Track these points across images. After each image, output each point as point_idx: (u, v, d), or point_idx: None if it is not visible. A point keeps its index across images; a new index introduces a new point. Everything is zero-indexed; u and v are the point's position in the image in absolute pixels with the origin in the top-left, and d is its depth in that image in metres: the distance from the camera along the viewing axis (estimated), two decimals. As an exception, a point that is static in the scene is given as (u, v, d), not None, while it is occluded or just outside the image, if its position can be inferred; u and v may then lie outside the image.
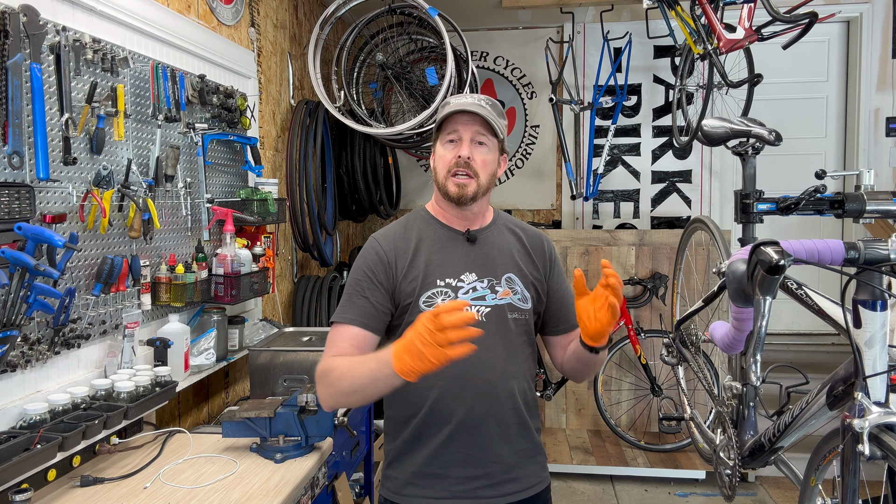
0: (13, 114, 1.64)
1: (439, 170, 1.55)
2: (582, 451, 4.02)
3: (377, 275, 1.51)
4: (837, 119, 4.85)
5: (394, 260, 1.53)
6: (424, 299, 1.50)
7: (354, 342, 1.47)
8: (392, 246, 1.55)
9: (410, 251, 1.54)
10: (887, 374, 1.27)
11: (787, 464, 1.80)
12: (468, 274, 1.54)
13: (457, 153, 1.52)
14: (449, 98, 1.59)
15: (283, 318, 3.59)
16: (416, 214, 1.63)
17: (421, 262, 1.53)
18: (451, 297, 1.50)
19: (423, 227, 1.59)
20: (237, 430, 1.90)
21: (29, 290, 1.65)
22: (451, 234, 1.58)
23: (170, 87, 2.32)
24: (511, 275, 1.57)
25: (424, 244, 1.56)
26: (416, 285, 1.51)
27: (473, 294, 1.52)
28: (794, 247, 1.38)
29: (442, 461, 1.51)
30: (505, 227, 1.65)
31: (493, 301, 1.54)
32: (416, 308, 1.49)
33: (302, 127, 3.58)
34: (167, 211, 2.37)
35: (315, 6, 4.25)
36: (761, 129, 1.88)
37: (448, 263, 1.54)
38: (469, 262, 1.55)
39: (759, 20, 3.25)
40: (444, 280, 1.52)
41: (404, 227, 1.60)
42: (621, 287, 1.37)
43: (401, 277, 1.51)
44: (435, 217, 1.61)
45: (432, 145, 1.60)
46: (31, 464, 1.50)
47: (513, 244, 1.63)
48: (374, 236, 1.58)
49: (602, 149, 4.77)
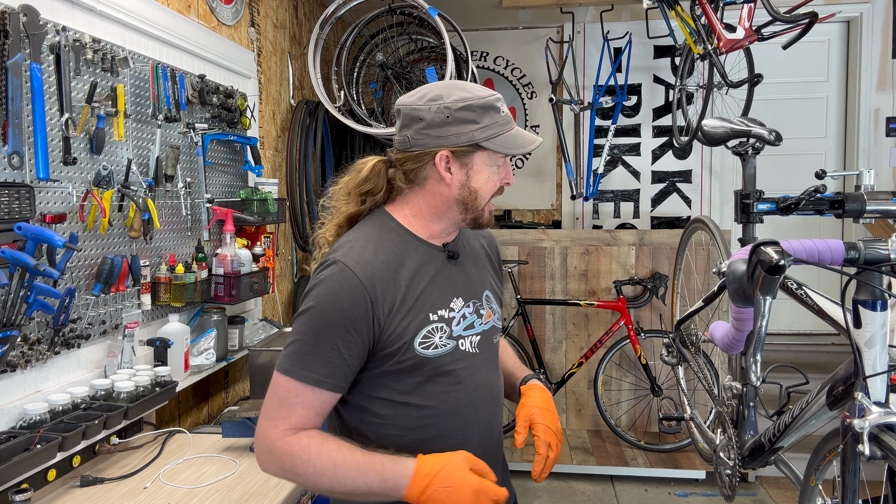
0: (13, 114, 1.64)
1: (482, 193, 1.28)
2: (582, 451, 4.02)
3: (355, 322, 1.18)
4: (837, 119, 4.85)
5: (379, 299, 1.20)
6: (421, 340, 1.23)
7: (322, 410, 1.20)
8: (376, 280, 1.21)
9: (399, 282, 1.24)
10: (887, 374, 1.27)
11: (787, 464, 1.80)
12: (456, 300, 1.30)
13: (506, 180, 1.32)
14: (501, 111, 1.28)
15: (283, 318, 3.59)
16: (385, 227, 1.30)
17: (411, 295, 1.24)
18: (445, 332, 1.27)
19: (402, 246, 1.28)
20: (237, 430, 1.90)
21: (29, 290, 1.65)
22: (431, 252, 1.31)
23: (170, 87, 2.32)
24: (488, 292, 1.39)
25: (409, 270, 1.26)
26: (409, 323, 1.23)
27: (464, 323, 1.31)
28: (794, 247, 1.38)
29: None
30: (468, 234, 1.44)
31: (481, 327, 1.34)
32: (411, 351, 1.23)
33: (302, 127, 3.59)
34: (167, 211, 2.37)
35: (315, 6, 4.25)
36: (761, 129, 1.88)
37: (436, 291, 1.28)
38: (454, 284, 1.32)
39: (759, 20, 3.25)
40: (437, 313, 1.26)
41: (377, 247, 1.25)
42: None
43: (387, 320, 1.21)
44: (408, 230, 1.31)
45: (458, 155, 1.26)
46: (31, 464, 1.50)
47: (480, 252, 1.45)
48: (347, 265, 1.20)
49: (602, 149, 4.77)
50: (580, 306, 4.21)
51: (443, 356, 1.26)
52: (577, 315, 4.35)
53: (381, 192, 1.34)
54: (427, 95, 1.26)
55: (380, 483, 1.14)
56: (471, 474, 1.15)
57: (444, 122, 1.24)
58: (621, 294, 4.11)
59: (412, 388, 1.25)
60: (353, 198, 1.35)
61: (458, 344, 1.29)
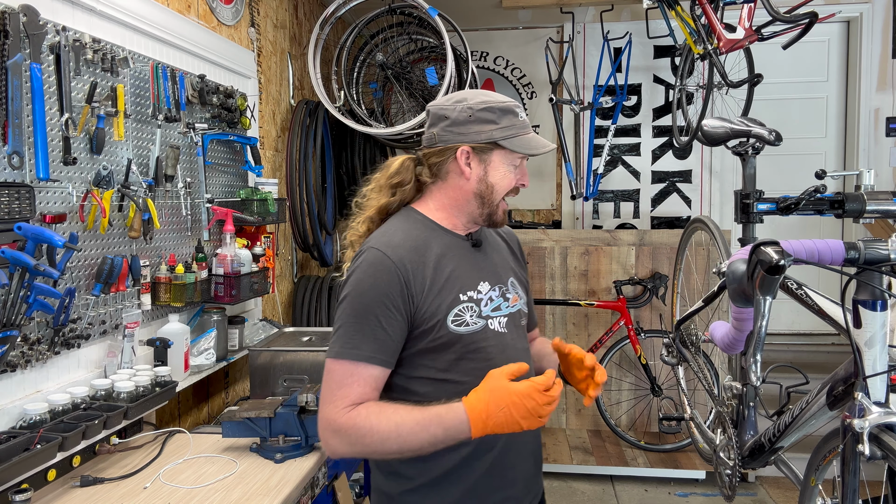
0: (13, 114, 1.64)
1: (498, 189, 1.40)
2: (582, 451, 4.02)
3: (393, 299, 1.30)
4: (837, 119, 4.85)
5: (410, 277, 1.32)
6: (453, 317, 1.34)
7: (376, 385, 1.30)
8: (406, 260, 1.33)
9: (427, 264, 1.35)
10: (887, 374, 1.27)
11: (787, 464, 1.80)
12: (483, 283, 1.42)
13: (521, 180, 1.43)
14: (518, 115, 1.39)
15: (283, 318, 3.59)
16: (412, 219, 1.43)
17: (441, 276, 1.36)
18: (475, 311, 1.38)
19: (428, 233, 1.41)
20: (237, 430, 1.90)
21: (29, 290, 1.65)
22: (458, 241, 1.44)
23: (170, 87, 2.32)
24: (512, 278, 1.51)
25: (437, 255, 1.38)
26: (442, 302, 1.34)
27: (492, 304, 1.42)
28: (794, 247, 1.38)
29: (478, 491, 1.39)
30: (486, 228, 1.55)
31: (508, 309, 1.45)
32: (445, 328, 1.34)
33: (302, 127, 3.59)
34: (167, 211, 2.37)
35: (315, 6, 4.25)
36: (761, 129, 1.88)
37: (464, 274, 1.40)
38: (480, 270, 1.44)
39: (759, 20, 3.25)
40: (466, 294, 1.38)
41: (409, 235, 1.38)
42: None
43: (422, 297, 1.33)
44: (434, 221, 1.44)
45: (478, 151, 1.38)
46: (31, 464, 1.50)
47: (501, 244, 1.56)
48: (380, 248, 1.34)
49: (602, 149, 4.77)
50: (580, 306, 4.21)
51: (474, 333, 1.37)
52: (577, 315, 4.35)
53: (410, 186, 1.46)
54: (454, 98, 1.41)
55: (444, 432, 1.23)
56: (513, 384, 1.23)
57: (466, 120, 1.37)
58: (621, 294, 4.12)
59: (448, 366, 1.36)
60: (385, 190, 1.48)
61: (487, 323, 1.39)
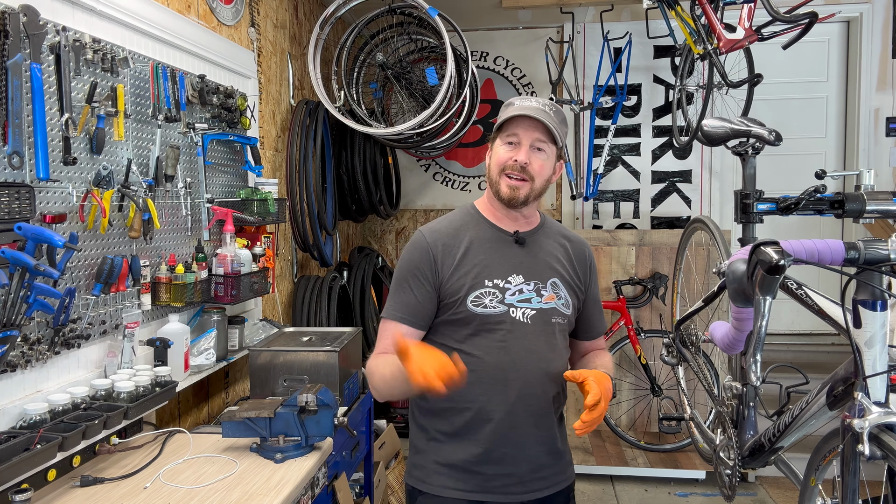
0: (13, 114, 1.64)
1: (493, 167, 1.58)
2: (582, 450, 4.02)
3: (423, 270, 1.54)
4: (837, 119, 4.85)
5: (440, 256, 1.55)
6: (473, 298, 1.52)
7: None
8: (440, 242, 1.57)
9: (459, 248, 1.56)
10: (887, 374, 1.27)
11: (787, 464, 1.81)
12: (515, 276, 1.56)
13: (513, 156, 1.54)
14: (513, 98, 1.59)
15: (283, 318, 3.59)
16: (465, 211, 1.65)
17: (469, 261, 1.55)
18: (498, 297, 1.53)
19: (473, 225, 1.61)
20: (237, 430, 1.90)
21: (29, 290, 1.65)
22: (500, 234, 1.61)
23: (170, 87, 2.32)
24: (556, 280, 1.60)
25: (474, 243, 1.57)
26: (465, 283, 1.53)
27: (520, 296, 1.55)
28: (794, 247, 1.38)
29: (479, 459, 1.54)
30: (552, 232, 1.68)
31: (539, 304, 1.56)
32: (464, 306, 1.52)
33: (302, 127, 3.58)
34: (167, 211, 2.37)
35: (315, 6, 4.25)
36: (761, 129, 1.88)
37: (496, 264, 1.56)
38: (517, 264, 1.58)
39: (759, 20, 3.25)
40: (493, 281, 1.54)
41: (452, 222, 1.62)
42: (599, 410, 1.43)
43: (447, 274, 1.54)
44: (484, 216, 1.63)
45: (490, 142, 1.62)
46: (31, 464, 1.50)
47: (558, 250, 1.65)
48: (422, 231, 1.61)
49: (602, 149, 4.76)
50: (580, 306, 4.20)
51: (491, 315, 1.53)
52: (577, 315, 4.34)
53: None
54: None
55: (399, 368, 1.38)
56: (437, 351, 1.38)
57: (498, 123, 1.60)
58: (621, 294, 4.11)
59: (464, 338, 1.54)
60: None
61: (509, 310, 1.54)
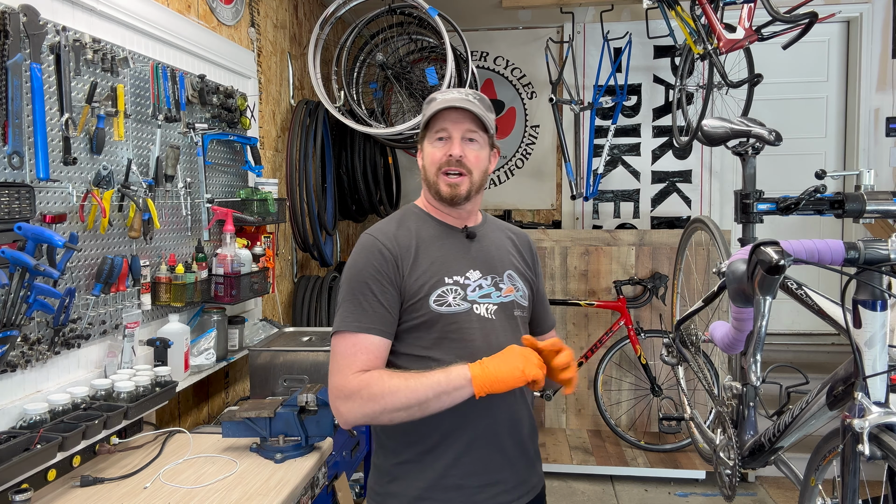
0: (13, 114, 1.64)
1: (429, 168, 1.51)
2: (582, 451, 4.02)
3: (385, 272, 1.43)
4: (837, 119, 4.85)
5: (399, 257, 1.45)
6: (435, 298, 1.44)
7: (377, 353, 1.39)
8: (393, 243, 1.47)
9: (412, 248, 1.47)
10: (887, 374, 1.27)
11: (787, 464, 1.80)
12: (473, 271, 1.50)
13: (447, 151, 1.48)
14: (435, 94, 1.53)
15: (283, 318, 3.59)
16: (409, 211, 1.58)
17: (426, 259, 1.47)
18: (460, 294, 1.46)
19: (420, 224, 1.53)
20: (237, 430, 1.90)
21: (29, 290, 1.65)
22: (449, 230, 1.54)
23: (170, 87, 2.32)
24: (511, 272, 1.56)
25: (425, 241, 1.50)
26: (424, 282, 1.44)
27: (480, 291, 1.49)
28: (794, 247, 1.38)
29: (461, 471, 1.43)
30: (495, 226, 1.65)
31: (499, 299, 1.51)
32: (427, 307, 1.43)
33: (302, 127, 3.58)
34: (167, 211, 2.37)
35: (315, 6, 4.25)
36: (761, 129, 1.88)
37: (452, 261, 1.49)
38: (471, 259, 1.52)
39: (759, 20, 3.25)
40: (452, 278, 1.47)
41: (399, 223, 1.53)
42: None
43: (406, 275, 1.44)
44: (429, 214, 1.56)
45: (419, 143, 1.55)
46: (31, 464, 1.50)
47: (506, 242, 1.62)
48: (372, 233, 1.49)
49: (602, 149, 4.76)
50: (580, 306, 4.21)
51: (456, 314, 1.45)
52: (577, 315, 4.35)
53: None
54: None
55: (446, 377, 1.31)
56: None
57: (423, 121, 1.53)
58: (621, 294, 4.11)
59: (431, 344, 1.44)
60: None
61: (472, 307, 1.47)
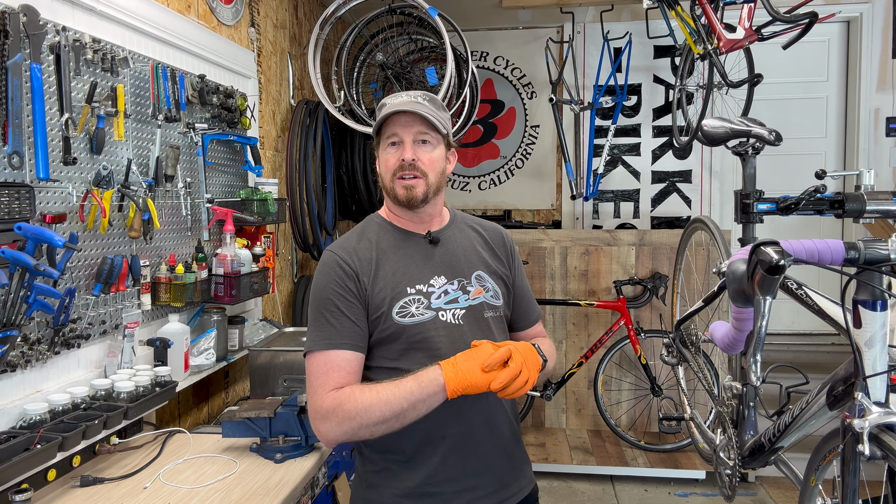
0: (13, 114, 1.64)
1: (385, 175, 1.48)
2: (582, 451, 4.02)
3: (349, 288, 1.41)
4: (837, 119, 4.85)
5: (359, 271, 1.43)
6: (398, 309, 1.41)
7: (349, 369, 1.37)
8: (353, 257, 1.44)
9: (373, 261, 1.45)
10: (887, 374, 1.27)
11: (787, 464, 1.80)
12: (437, 277, 1.47)
13: (399, 156, 1.45)
14: (385, 99, 1.50)
15: (283, 318, 3.59)
16: (371, 222, 1.55)
17: (387, 270, 1.45)
18: (423, 303, 1.43)
19: (381, 234, 1.51)
20: (237, 430, 1.90)
21: (29, 290, 1.65)
22: (410, 238, 1.51)
23: (170, 87, 2.32)
24: (480, 272, 1.53)
25: (386, 252, 1.47)
26: (386, 295, 1.42)
27: (446, 298, 1.46)
28: (794, 247, 1.38)
29: (437, 479, 1.42)
30: (464, 225, 1.60)
31: (467, 302, 1.48)
32: (390, 320, 1.41)
33: (302, 127, 3.59)
34: (167, 211, 2.37)
35: (315, 6, 4.25)
36: (761, 129, 1.88)
37: (414, 269, 1.47)
38: (435, 265, 1.49)
39: (759, 20, 3.25)
40: (415, 287, 1.44)
41: (360, 236, 1.51)
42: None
43: (369, 288, 1.42)
44: (390, 222, 1.53)
45: (375, 150, 1.52)
46: (31, 464, 1.50)
47: (475, 240, 1.58)
48: (332, 249, 1.47)
49: (602, 149, 4.77)
50: (580, 306, 4.21)
51: (420, 324, 1.42)
52: (577, 315, 4.35)
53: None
54: None
55: (418, 385, 1.29)
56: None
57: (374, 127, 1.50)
58: (621, 294, 4.11)
59: (398, 356, 1.42)
60: None
61: (437, 315, 1.44)
